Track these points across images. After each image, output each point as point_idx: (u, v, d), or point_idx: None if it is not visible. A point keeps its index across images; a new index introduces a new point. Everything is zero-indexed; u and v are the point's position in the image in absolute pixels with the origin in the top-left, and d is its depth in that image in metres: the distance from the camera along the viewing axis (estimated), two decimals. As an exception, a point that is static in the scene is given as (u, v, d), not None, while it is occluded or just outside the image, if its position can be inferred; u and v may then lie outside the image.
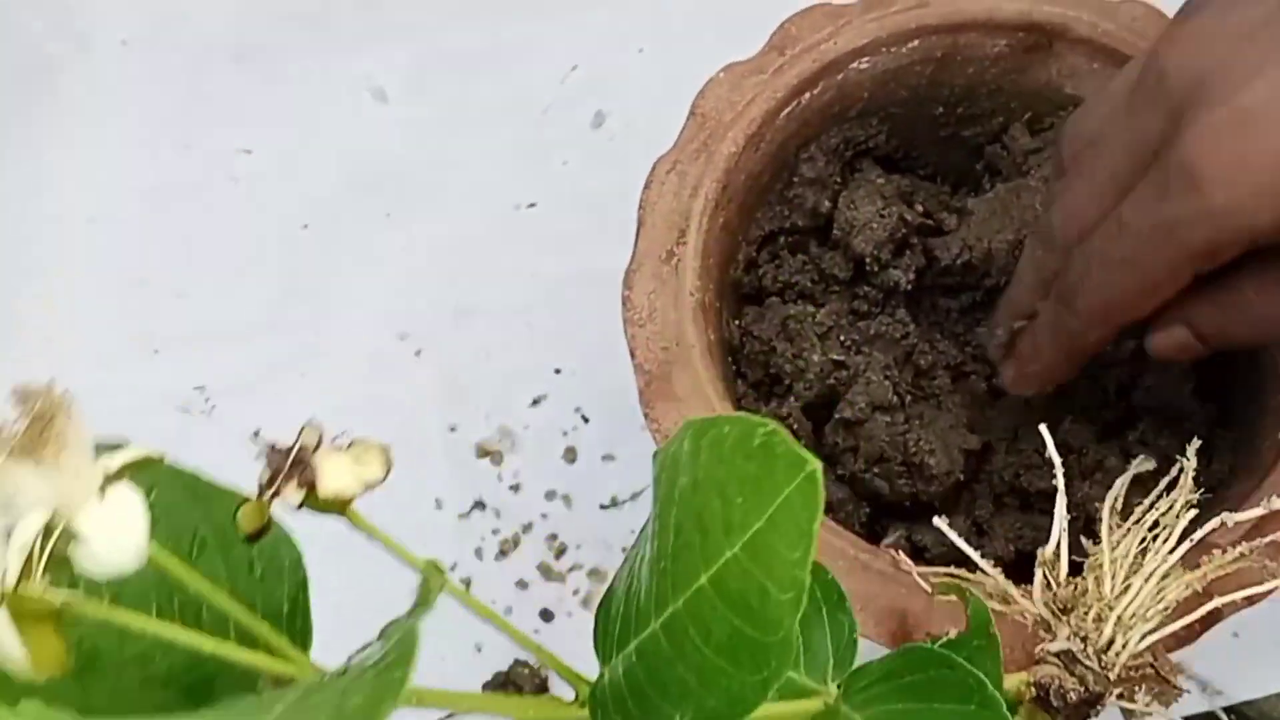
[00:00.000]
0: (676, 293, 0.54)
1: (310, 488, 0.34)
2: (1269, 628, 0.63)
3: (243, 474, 0.71)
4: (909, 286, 0.59)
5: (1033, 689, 0.41)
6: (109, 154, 0.79)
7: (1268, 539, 0.44)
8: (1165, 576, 0.42)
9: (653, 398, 0.53)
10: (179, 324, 0.75)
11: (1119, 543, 0.42)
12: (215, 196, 0.78)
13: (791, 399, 0.57)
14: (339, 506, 0.35)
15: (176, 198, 0.78)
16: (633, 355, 0.54)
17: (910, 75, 0.59)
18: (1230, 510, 0.45)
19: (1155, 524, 0.43)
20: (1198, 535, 0.43)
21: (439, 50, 0.80)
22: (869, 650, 0.52)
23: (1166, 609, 0.41)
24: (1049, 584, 0.43)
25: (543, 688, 0.67)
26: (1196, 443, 0.46)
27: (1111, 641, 0.41)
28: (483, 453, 0.72)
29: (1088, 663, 0.41)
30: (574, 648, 0.68)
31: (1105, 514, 0.43)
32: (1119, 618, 0.41)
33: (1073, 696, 0.40)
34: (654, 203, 0.56)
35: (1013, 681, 0.41)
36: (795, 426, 0.57)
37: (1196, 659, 0.44)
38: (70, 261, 0.77)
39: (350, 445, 0.34)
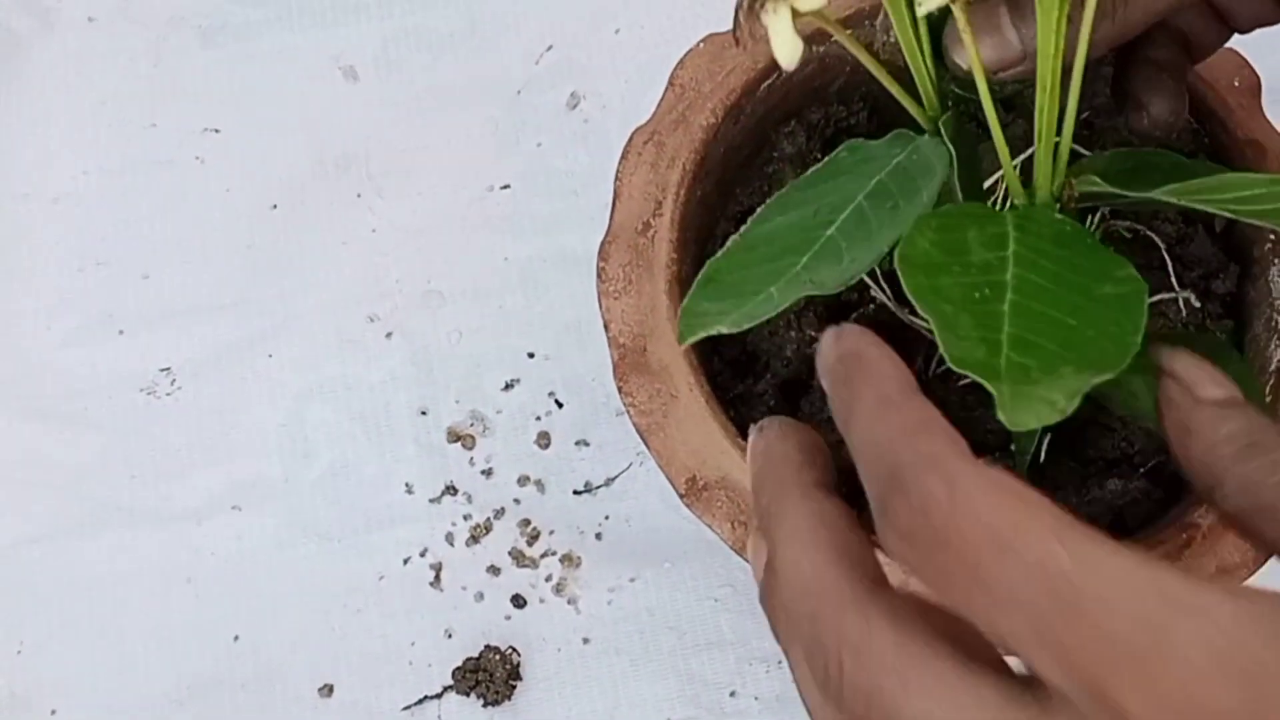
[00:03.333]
0: (652, 265, 0.53)
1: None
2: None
3: (210, 456, 0.71)
4: (888, 265, 0.58)
5: None
6: (74, 132, 0.78)
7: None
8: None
9: (627, 371, 0.52)
10: (144, 304, 0.74)
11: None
12: (182, 176, 0.77)
13: (769, 376, 0.56)
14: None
15: (143, 177, 0.77)
16: (607, 328, 0.53)
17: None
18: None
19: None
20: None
21: (411, 29, 0.79)
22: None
23: None
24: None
25: (514, 674, 0.67)
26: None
27: None
28: (454, 437, 0.71)
29: None
30: (546, 633, 0.68)
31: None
32: None
33: None
34: (630, 174, 0.55)
35: None
36: (772, 404, 0.56)
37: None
38: (34, 241, 0.76)
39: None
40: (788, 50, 0.37)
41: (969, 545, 0.31)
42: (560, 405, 0.72)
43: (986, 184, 0.50)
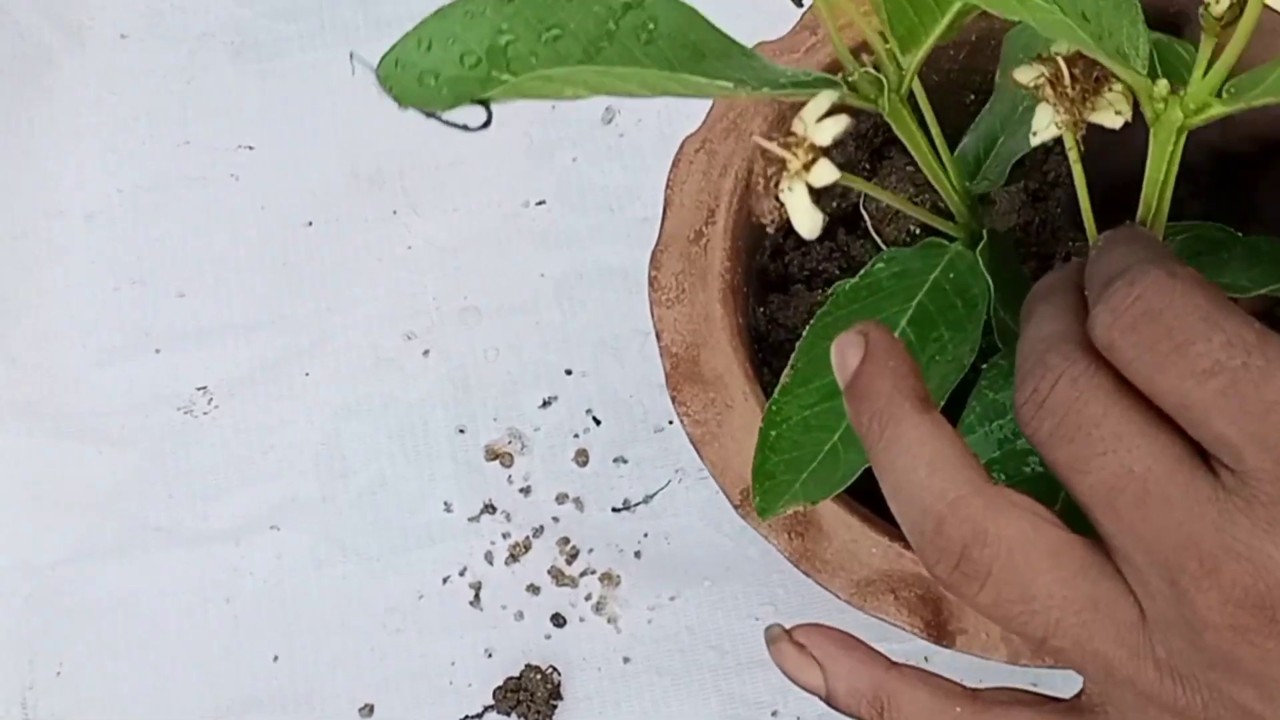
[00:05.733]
0: (705, 273, 0.53)
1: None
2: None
3: (247, 474, 0.71)
4: None
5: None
6: (107, 150, 0.77)
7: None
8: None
9: (680, 381, 0.52)
10: (180, 323, 0.74)
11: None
12: (216, 193, 0.76)
13: (819, 387, 0.56)
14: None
15: (176, 194, 0.76)
16: (659, 338, 0.53)
17: (943, 59, 0.58)
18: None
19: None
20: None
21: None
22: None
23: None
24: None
25: (555, 694, 0.66)
26: None
27: None
28: (492, 455, 0.71)
29: None
30: (587, 653, 0.68)
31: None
32: None
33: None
34: (682, 182, 0.55)
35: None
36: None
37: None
38: (68, 259, 0.75)
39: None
40: (808, 225, 0.37)
41: (1178, 318, 0.34)
42: (598, 422, 0.71)
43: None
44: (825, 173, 0.37)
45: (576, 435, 0.71)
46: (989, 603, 0.36)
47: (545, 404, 0.72)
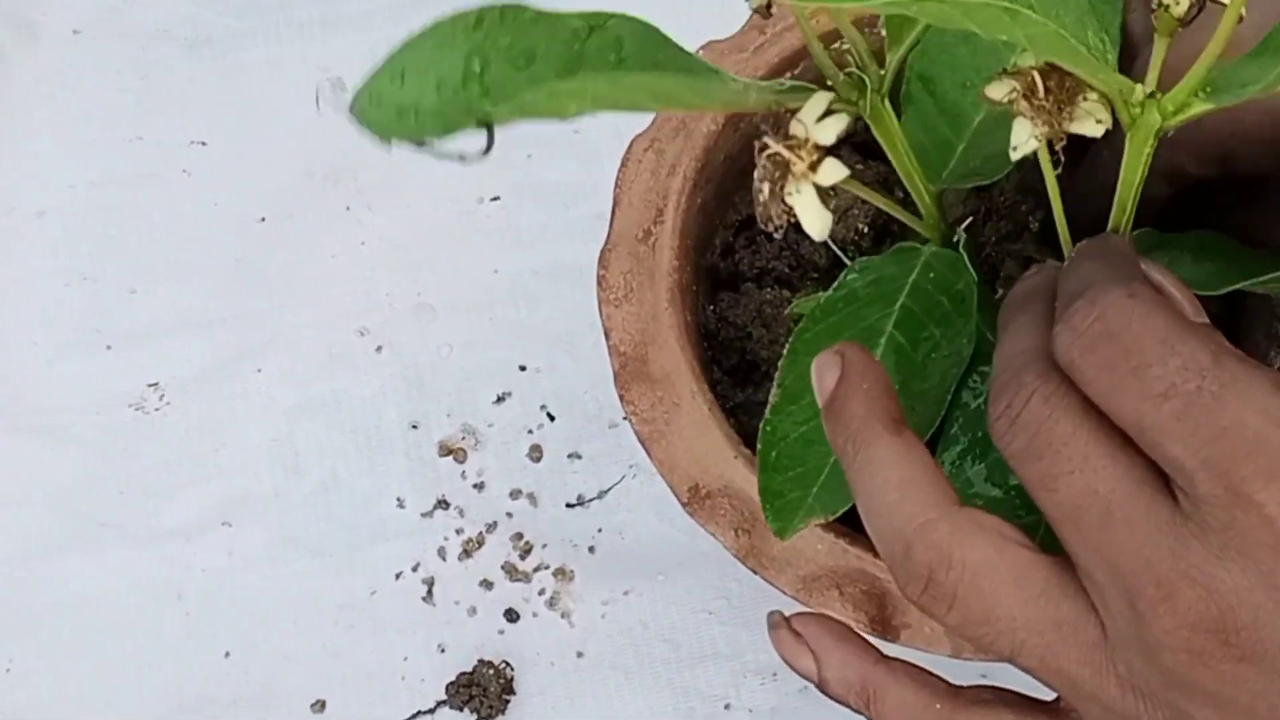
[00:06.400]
0: (653, 272, 0.54)
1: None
2: None
3: (199, 471, 0.71)
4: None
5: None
6: (59, 146, 0.77)
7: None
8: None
9: (628, 379, 0.52)
10: (132, 320, 0.74)
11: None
12: (169, 189, 0.76)
13: (768, 385, 0.56)
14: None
15: (129, 191, 0.76)
16: (607, 336, 0.53)
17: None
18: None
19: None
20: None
21: (397, 40, 0.78)
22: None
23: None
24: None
25: (508, 688, 0.66)
26: None
27: None
28: (445, 451, 0.71)
29: None
30: (540, 647, 0.68)
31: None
32: None
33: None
34: (630, 181, 0.55)
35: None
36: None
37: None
38: (20, 255, 0.75)
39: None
40: (819, 226, 0.37)
41: (1136, 340, 0.34)
42: (552, 418, 0.72)
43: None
44: (833, 171, 0.37)
45: (530, 431, 0.71)
46: (957, 624, 0.37)
47: (499, 400, 0.72)
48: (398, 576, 0.69)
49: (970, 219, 0.49)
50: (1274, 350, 0.55)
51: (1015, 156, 0.40)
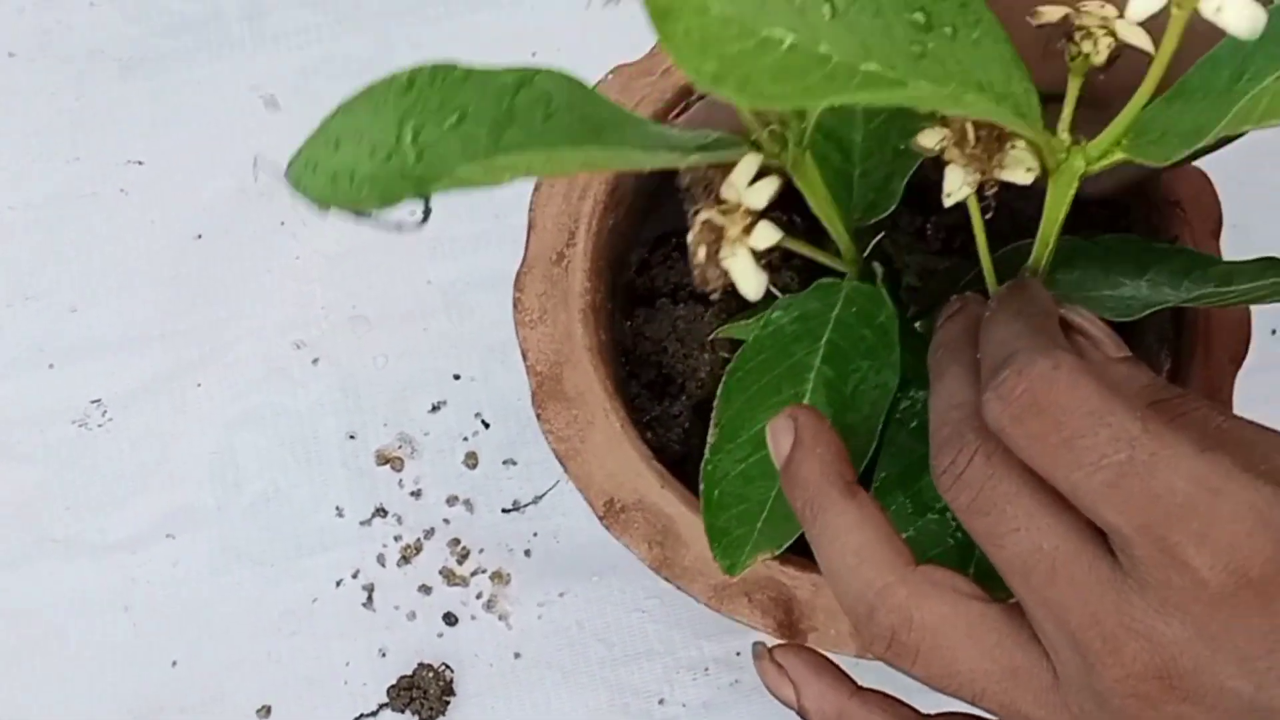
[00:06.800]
0: (567, 294, 0.55)
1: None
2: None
3: (143, 485, 0.72)
4: (797, 288, 0.59)
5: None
6: (-2, 168, 0.78)
7: None
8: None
9: (545, 399, 0.54)
10: (73, 337, 0.75)
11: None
12: (106, 208, 0.77)
13: (684, 398, 0.58)
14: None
15: (68, 210, 0.77)
16: (524, 357, 0.55)
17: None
18: None
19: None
20: None
21: (329, 57, 0.80)
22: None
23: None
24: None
25: (448, 690, 0.68)
26: None
27: None
28: (383, 459, 0.72)
29: None
30: (478, 649, 0.70)
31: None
32: None
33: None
34: (543, 205, 0.56)
35: None
36: (687, 425, 0.58)
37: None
38: (-39, 277, 0.76)
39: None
40: (754, 286, 0.37)
41: (1064, 412, 0.35)
42: (487, 426, 0.73)
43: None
44: (766, 235, 0.37)
45: (466, 439, 0.73)
46: (922, 677, 0.40)
47: (434, 409, 0.73)
48: (338, 584, 0.71)
49: (876, 239, 0.51)
50: (1165, 351, 0.57)
51: (949, 203, 0.40)
